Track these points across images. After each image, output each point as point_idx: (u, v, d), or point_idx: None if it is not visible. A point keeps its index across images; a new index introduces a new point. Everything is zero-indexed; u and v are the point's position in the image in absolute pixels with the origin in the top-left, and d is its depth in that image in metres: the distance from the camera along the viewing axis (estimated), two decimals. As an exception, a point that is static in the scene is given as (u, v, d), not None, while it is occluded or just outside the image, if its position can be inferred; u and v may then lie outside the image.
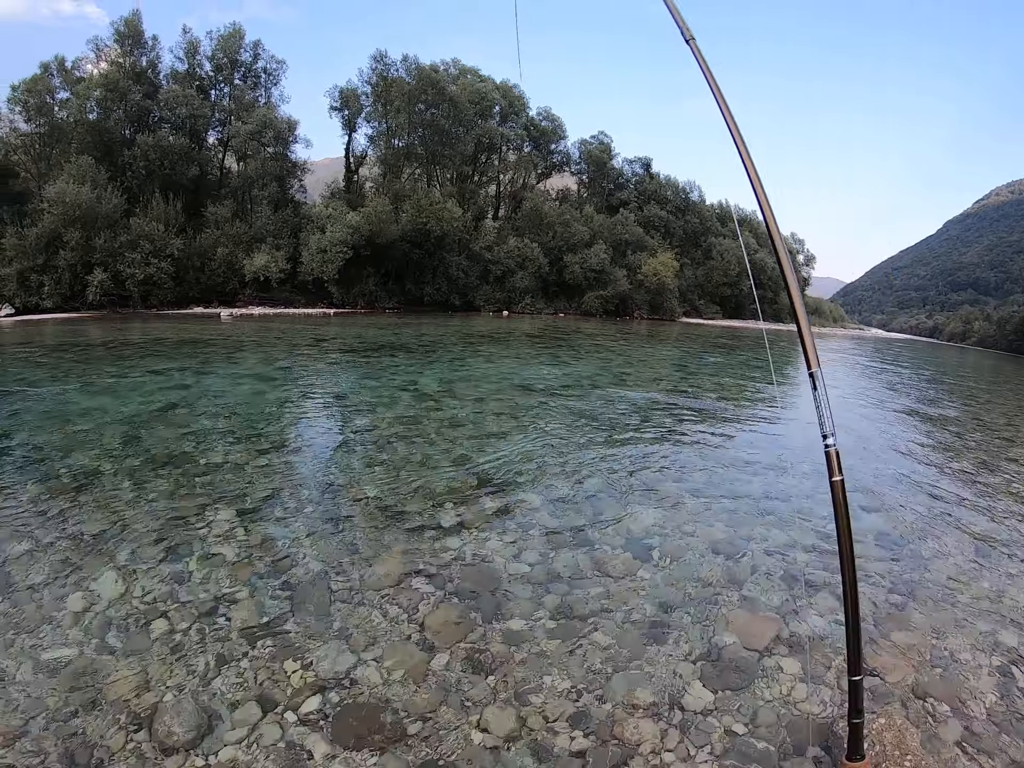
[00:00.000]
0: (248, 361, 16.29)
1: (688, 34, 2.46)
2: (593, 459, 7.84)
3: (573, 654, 3.70)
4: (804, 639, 3.95)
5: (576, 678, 3.48)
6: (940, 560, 5.42)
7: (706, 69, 2.41)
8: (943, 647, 4.00)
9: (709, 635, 3.95)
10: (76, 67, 39.69)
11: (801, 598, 4.46)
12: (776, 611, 4.29)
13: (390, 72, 48.73)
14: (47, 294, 32.22)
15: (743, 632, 3.97)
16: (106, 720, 3.05)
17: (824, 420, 2.04)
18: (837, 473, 1.98)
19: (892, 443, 10.38)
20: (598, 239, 52.85)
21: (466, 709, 3.24)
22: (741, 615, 4.19)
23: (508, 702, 3.30)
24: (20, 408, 9.78)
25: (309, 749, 2.91)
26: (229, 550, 4.89)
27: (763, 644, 3.87)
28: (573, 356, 21.44)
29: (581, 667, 3.57)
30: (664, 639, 3.88)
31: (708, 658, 3.70)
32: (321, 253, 39.57)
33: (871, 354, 40.32)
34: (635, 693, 3.36)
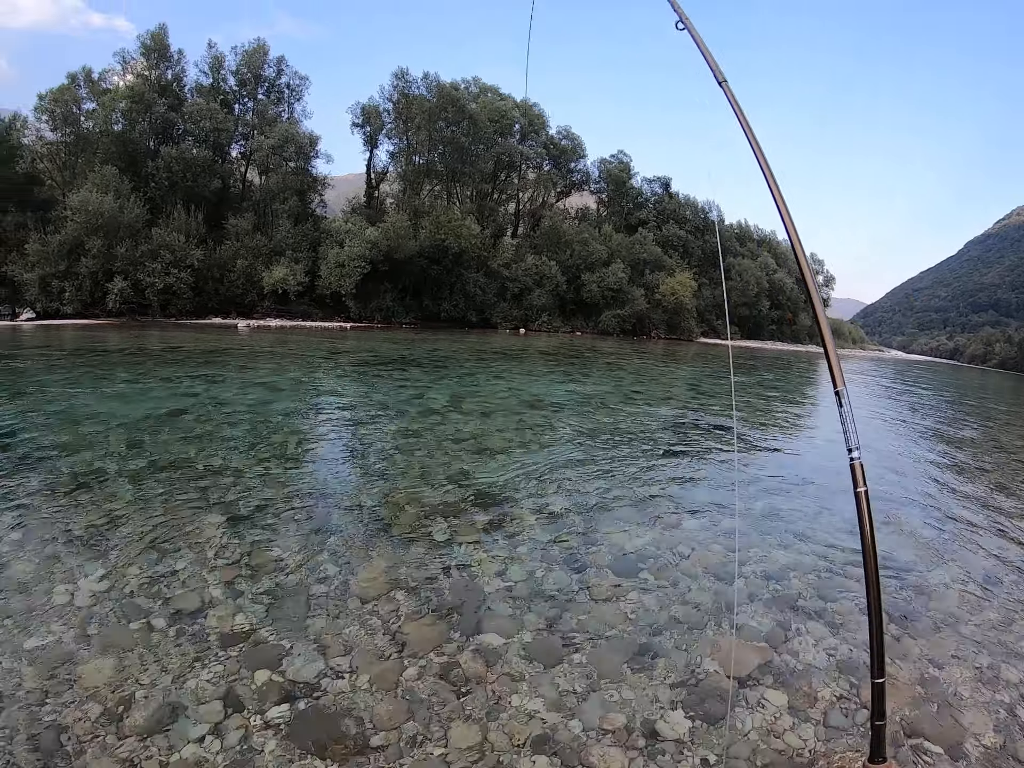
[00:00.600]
0: (259, 371, 16.35)
1: (721, 76, 2.49)
2: (592, 476, 7.73)
3: (548, 674, 3.58)
4: (791, 670, 3.79)
5: (548, 699, 3.36)
6: (946, 587, 5.20)
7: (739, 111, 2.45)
8: (940, 681, 3.79)
9: (692, 661, 3.79)
10: (103, 78, 40.63)
11: (793, 626, 4.29)
12: (765, 639, 4.12)
13: (411, 89, 49.27)
14: (68, 300, 32.77)
15: (728, 659, 3.79)
16: (76, 709, 3.12)
17: (849, 435, 2.12)
18: (862, 484, 2.09)
19: (907, 464, 10.19)
20: (616, 258, 52.85)
21: (431, 724, 3.16)
22: (728, 642, 4.01)
23: (475, 720, 3.20)
24: (32, 409, 9.91)
25: (267, 753, 2.90)
26: (216, 554, 4.91)
27: (747, 672, 3.71)
28: (585, 374, 21.32)
29: (555, 688, 3.46)
30: (645, 663, 3.74)
31: (688, 685, 3.54)
32: (339, 267, 39.86)
33: (892, 376, 39.89)
34: (608, 717, 3.23)
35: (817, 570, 5.21)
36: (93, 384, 12.74)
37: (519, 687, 3.45)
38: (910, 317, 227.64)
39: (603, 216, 62.36)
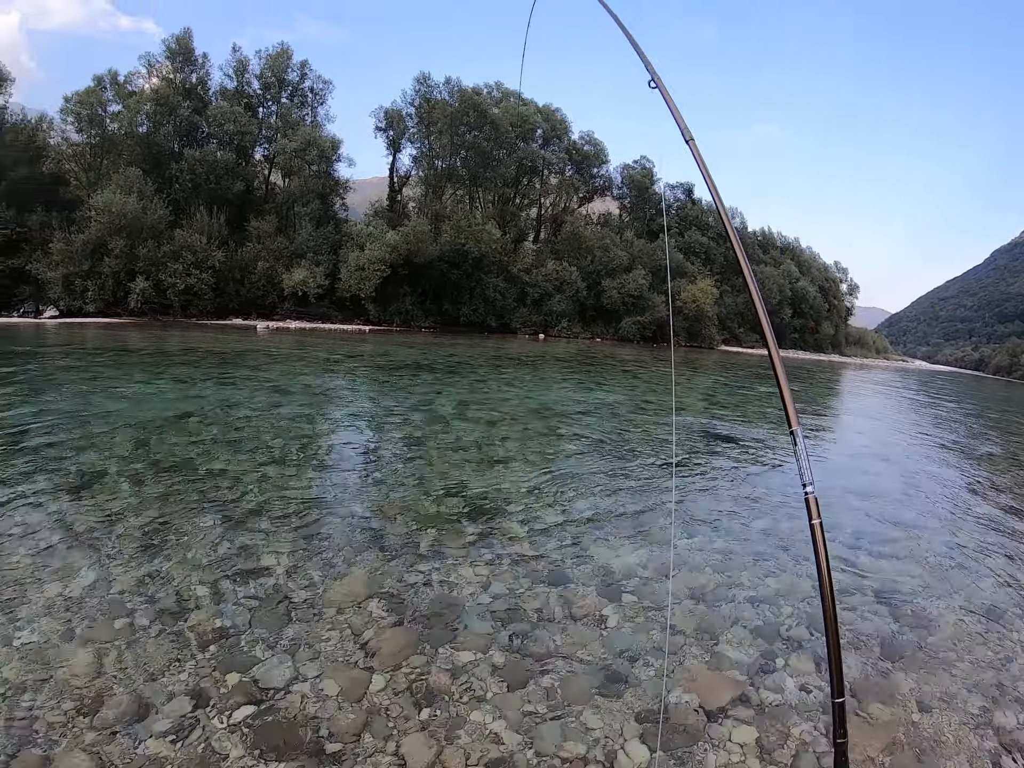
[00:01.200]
0: (271, 374, 16.46)
1: (688, 135, 2.60)
2: (589, 489, 7.66)
3: (514, 695, 3.53)
4: (765, 705, 3.66)
5: (510, 720, 3.32)
6: (944, 620, 4.97)
7: (703, 168, 2.58)
8: (927, 725, 3.61)
9: (664, 690, 3.67)
10: (128, 81, 41.41)
11: (776, 657, 4.16)
12: (744, 670, 3.98)
13: (433, 94, 49.58)
14: (90, 299, 33.37)
15: (702, 689, 3.69)
16: (52, 698, 3.23)
17: (803, 471, 2.14)
18: (816, 516, 2.11)
19: (922, 481, 10.00)
20: (637, 264, 52.62)
21: (389, 736, 3.15)
22: (704, 671, 3.91)
23: (433, 736, 3.17)
24: (45, 407, 10.07)
25: (226, 754, 2.95)
26: (206, 556, 5.00)
27: (719, 705, 3.59)
28: (598, 382, 21.25)
29: (519, 709, 3.41)
30: (614, 690, 3.66)
31: (656, 715, 3.43)
32: (359, 270, 40.12)
33: (916, 387, 39.25)
34: (566, 744, 3.17)
35: (808, 598, 5.05)
36: (107, 384, 12.90)
37: (482, 706, 3.42)
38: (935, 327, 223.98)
39: (625, 222, 62.17)
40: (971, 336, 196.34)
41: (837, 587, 5.27)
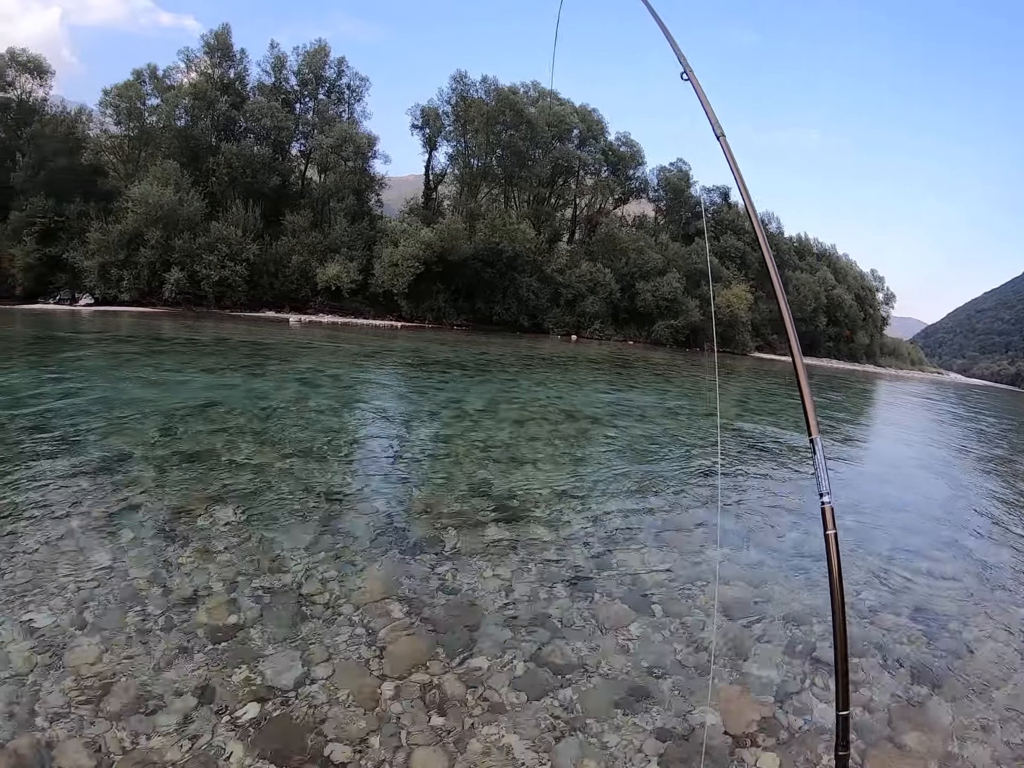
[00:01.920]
0: (301, 366, 16.48)
1: (719, 130, 2.54)
2: (618, 494, 7.45)
3: (531, 708, 3.35)
4: (793, 730, 3.43)
5: (526, 735, 3.14)
6: (981, 645, 4.67)
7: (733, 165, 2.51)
8: (963, 757, 3.35)
9: (687, 709, 3.47)
10: (167, 75, 42.18)
11: (805, 679, 3.91)
12: (773, 691, 3.75)
13: (469, 92, 49.54)
14: (125, 288, 34.03)
15: (727, 711, 3.48)
16: (57, 685, 3.17)
17: (822, 481, 2.12)
18: (831, 527, 2.10)
19: (958, 497, 9.60)
20: (672, 267, 52.00)
21: (397, 746, 3.01)
22: (731, 691, 3.69)
23: (444, 747, 3.03)
24: (73, 392, 10.18)
25: (228, 755, 2.85)
26: (222, 546, 4.93)
27: (744, 729, 3.37)
28: (630, 385, 20.99)
29: (536, 724, 3.23)
30: (636, 707, 3.46)
31: (677, 736, 3.24)
32: (393, 267, 40.21)
33: (954, 400, 38.22)
34: (584, 763, 2.99)
35: None
36: (137, 371, 13.01)
37: (497, 718, 3.25)
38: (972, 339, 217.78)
39: (660, 225, 61.55)
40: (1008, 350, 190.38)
41: (871, 604, 5.04)
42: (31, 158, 36.79)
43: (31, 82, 40.39)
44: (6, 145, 38.66)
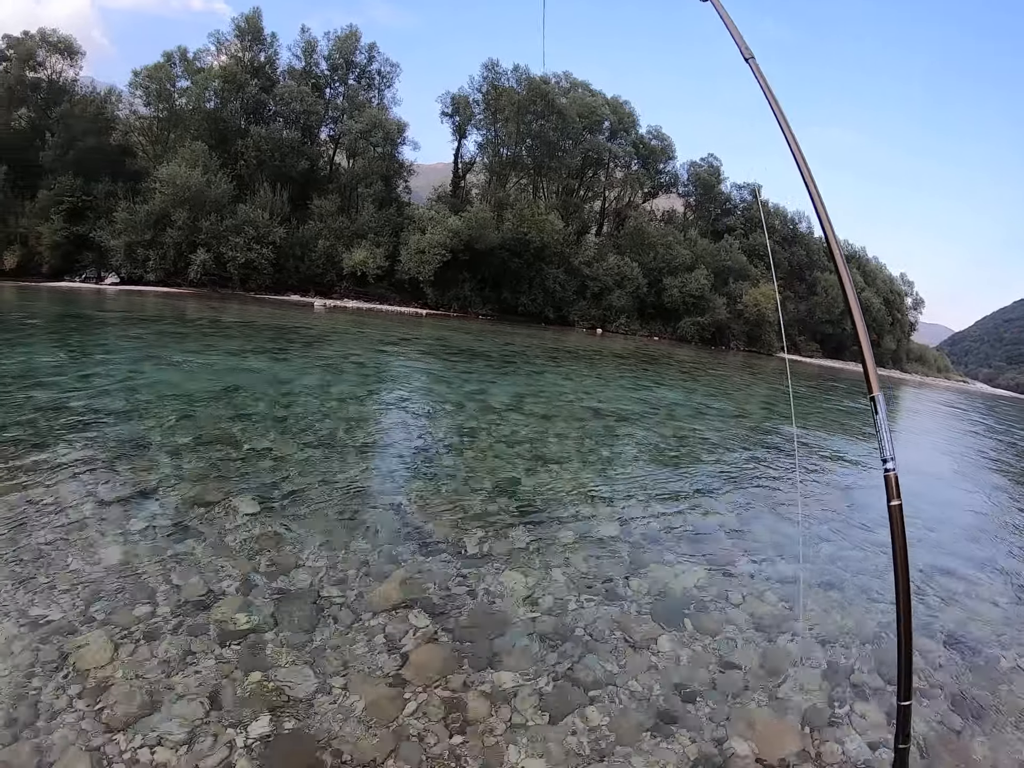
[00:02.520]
0: (324, 352, 16.41)
1: (747, 52, 2.40)
2: (648, 497, 7.21)
3: (557, 729, 3.16)
4: (827, 761, 3.20)
5: (552, 758, 2.96)
6: (1018, 671, 4.41)
7: (766, 87, 2.38)
8: None
9: (719, 735, 3.26)
10: (197, 58, 42.42)
11: (842, 705, 3.67)
12: (808, 718, 3.51)
13: (500, 81, 49.20)
14: (151, 268, 34.42)
15: (761, 739, 3.25)
16: (60, 682, 3.06)
17: (884, 444, 1.95)
18: (896, 498, 1.96)
19: (995, 514, 9.22)
20: (700, 264, 51.39)
21: (416, 765, 2.84)
22: (765, 716, 3.47)
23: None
24: (93, 373, 10.11)
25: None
26: (238, 542, 4.78)
27: (779, 758, 3.15)
28: (657, 382, 20.66)
29: (561, 746, 3.04)
30: (666, 730, 3.26)
31: (709, 763, 3.05)
32: (419, 254, 40.11)
33: (984, 411, 37.35)
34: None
35: (879, 639, 4.51)
36: (159, 352, 12.99)
37: (521, 740, 3.06)
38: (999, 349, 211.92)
39: (689, 220, 60.85)
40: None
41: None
42: (60, 137, 37.14)
43: (61, 62, 40.87)
44: (36, 125, 39.11)
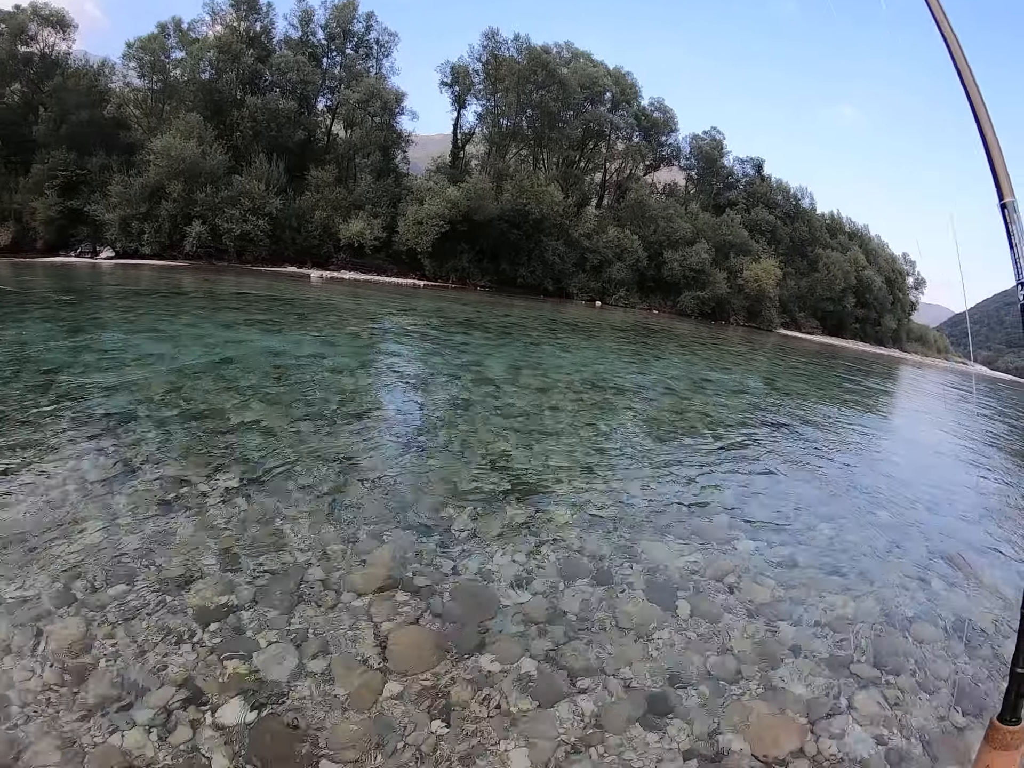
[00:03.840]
0: (318, 323, 16.18)
1: None
2: (645, 474, 7.06)
3: (545, 717, 3.04)
4: (826, 756, 3.06)
5: (537, 750, 2.83)
6: None
7: None
8: None
9: (713, 728, 3.12)
10: (192, 28, 41.69)
11: (840, 696, 3.52)
12: (806, 711, 3.36)
13: (501, 51, 48.30)
14: (147, 241, 34.07)
15: (756, 734, 3.10)
16: (34, 665, 3.01)
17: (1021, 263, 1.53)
18: None
19: (993, 495, 9.14)
20: (701, 238, 50.77)
21: (396, 756, 2.74)
22: (761, 709, 3.32)
23: (447, 760, 2.74)
24: (83, 347, 9.92)
25: (209, 758, 2.63)
26: (222, 519, 4.66)
27: (777, 755, 3.00)
28: (656, 356, 20.46)
29: (549, 738, 2.92)
30: (656, 722, 3.12)
31: (702, 758, 2.91)
32: (417, 224, 39.68)
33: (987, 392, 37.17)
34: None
35: (879, 625, 4.36)
36: (151, 325, 12.79)
37: (507, 730, 2.94)
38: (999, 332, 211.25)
39: (691, 194, 60.10)
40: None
41: (906, 616, 4.59)
42: (53, 111, 36.61)
43: (54, 36, 40.01)
44: (28, 99, 38.54)
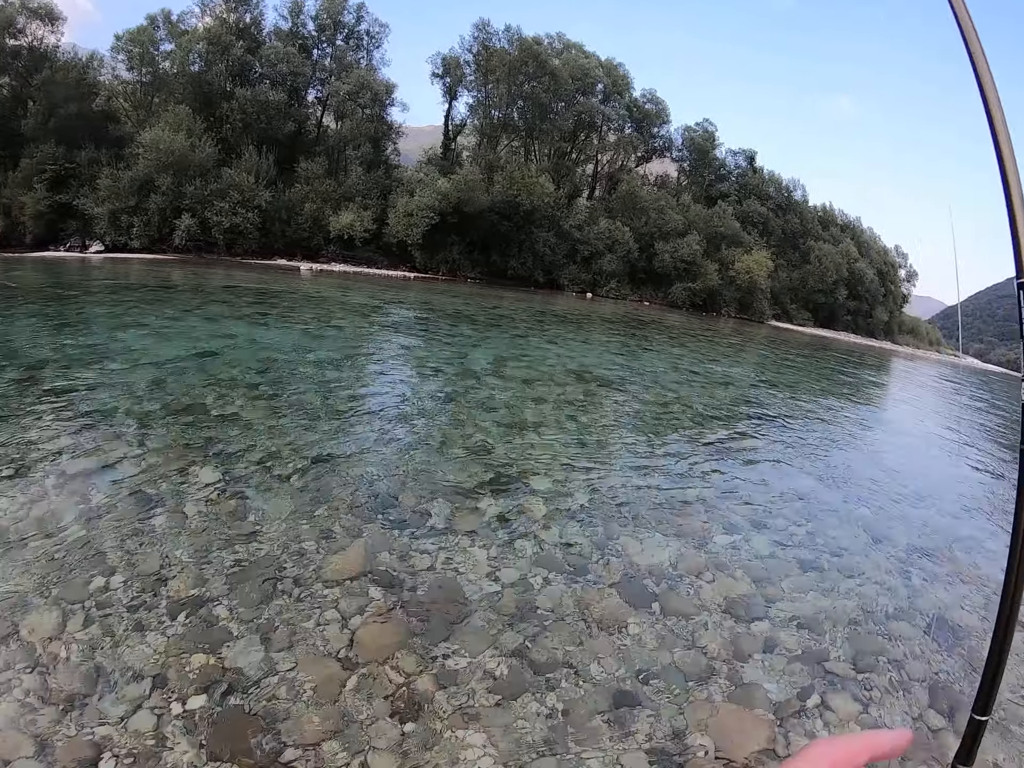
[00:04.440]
0: (305, 316, 16.10)
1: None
2: (624, 467, 7.07)
3: (508, 713, 3.04)
4: None
5: (499, 748, 2.83)
6: None
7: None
8: None
9: (680, 727, 3.10)
10: (181, 20, 41.20)
11: (812, 693, 3.51)
12: (776, 709, 3.35)
13: (492, 42, 47.97)
14: (136, 235, 33.76)
15: (723, 732, 3.09)
16: (8, 657, 3.04)
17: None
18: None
19: (982, 489, 9.18)
20: (692, 229, 50.75)
21: (358, 750, 2.75)
22: (730, 707, 3.30)
23: (407, 756, 2.74)
24: (70, 342, 9.83)
25: (173, 748, 2.67)
26: (197, 512, 4.68)
27: (743, 755, 2.97)
28: (644, 347, 20.43)
29: (510, 736, 2.92)
30: (623, 720, 3.11)
31: (666, 758, 2.89)
32: (407, 216, 39.48)
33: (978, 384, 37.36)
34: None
35: (855, 622, 4.36)
36: (138, 319, 12.70)
37: (470, 724, 2.95)
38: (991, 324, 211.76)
39: (682, 185, 60.02)
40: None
41: (887, 614, 4.59)
42: (41, 105, 36.18)
43: (42, 29, 39.45)
44: (17, 93, 38.02)
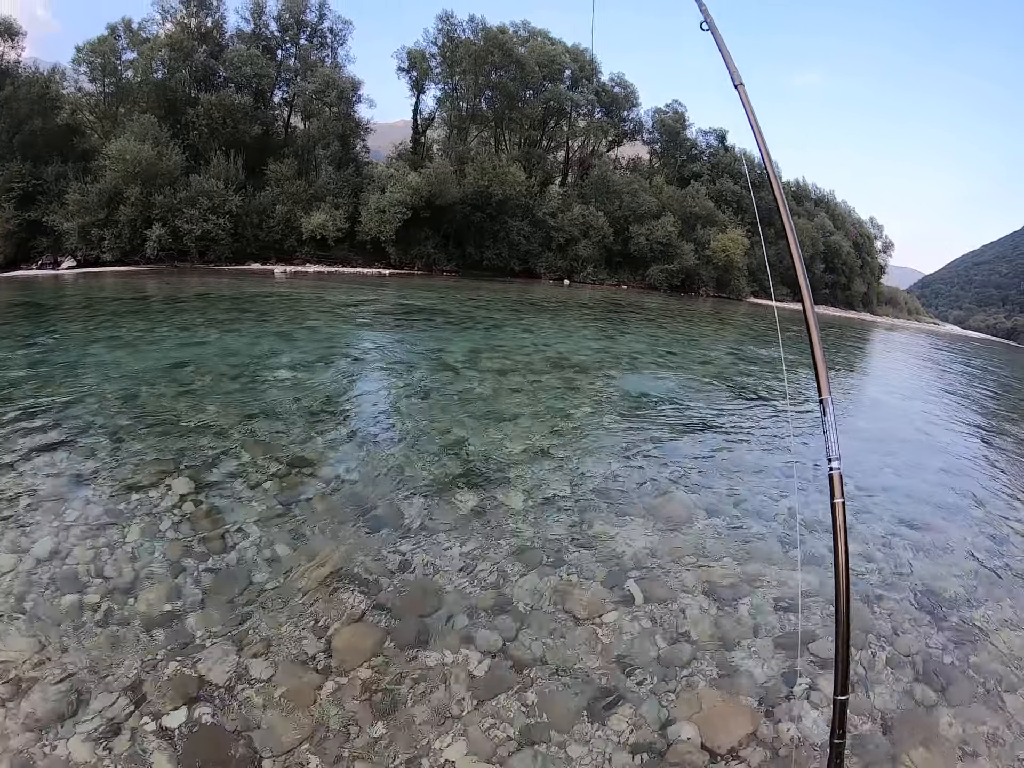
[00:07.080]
0: (277, 319, 15.90)
1: (738, 79, 2.67)
2: (603, 455, 7.04)
3: (487, 712, 3.01)
4: (783, 742, 3.02)
5: (477, 746, 2.81)
6: (993, 637, 4.15)
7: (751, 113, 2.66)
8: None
9: (664, 717, 3.07)
10: (142, 28, 40.10)
11: (799, 677, 3.47)
12: (761, 695, 3.33)
13: (456, 33, 47.51)
14: (107, 248, 33.14)
15: (708, 721, 3.06)
16: None
17: (830, 445, 2.11)
18: (839, 495, 2.08)
19: (966, 460, 9.13)
20: (667, 211, 50.78)
21: (335, 757, 2.72)
22: (714, 695, 3.27)
23: (384, 760, 2.71)
24: (39, 359, 9.72)
25: (151, 762, 2.66)
26: (171, 524, 4.62)
27: (729, 744, 2.95)
28: (621, 331, 20.41)
29: (489, 734, 2.89)
30: (606, 712, 3.08)
31: (651, 750, 2.87)
32: (380, 213, 39.15)
33: (954, 351, 37.71)
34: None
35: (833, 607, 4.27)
36: (109, 333, 12.53)
37: (447, 725, 2.92)
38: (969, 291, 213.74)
39: (655, 167, 60.01)
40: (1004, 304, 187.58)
41: (876, 583, 4.61)
42: (5, 122, 35.31)
43: (2, 45, 38.47)
44: (-21, 112, 37.12)
